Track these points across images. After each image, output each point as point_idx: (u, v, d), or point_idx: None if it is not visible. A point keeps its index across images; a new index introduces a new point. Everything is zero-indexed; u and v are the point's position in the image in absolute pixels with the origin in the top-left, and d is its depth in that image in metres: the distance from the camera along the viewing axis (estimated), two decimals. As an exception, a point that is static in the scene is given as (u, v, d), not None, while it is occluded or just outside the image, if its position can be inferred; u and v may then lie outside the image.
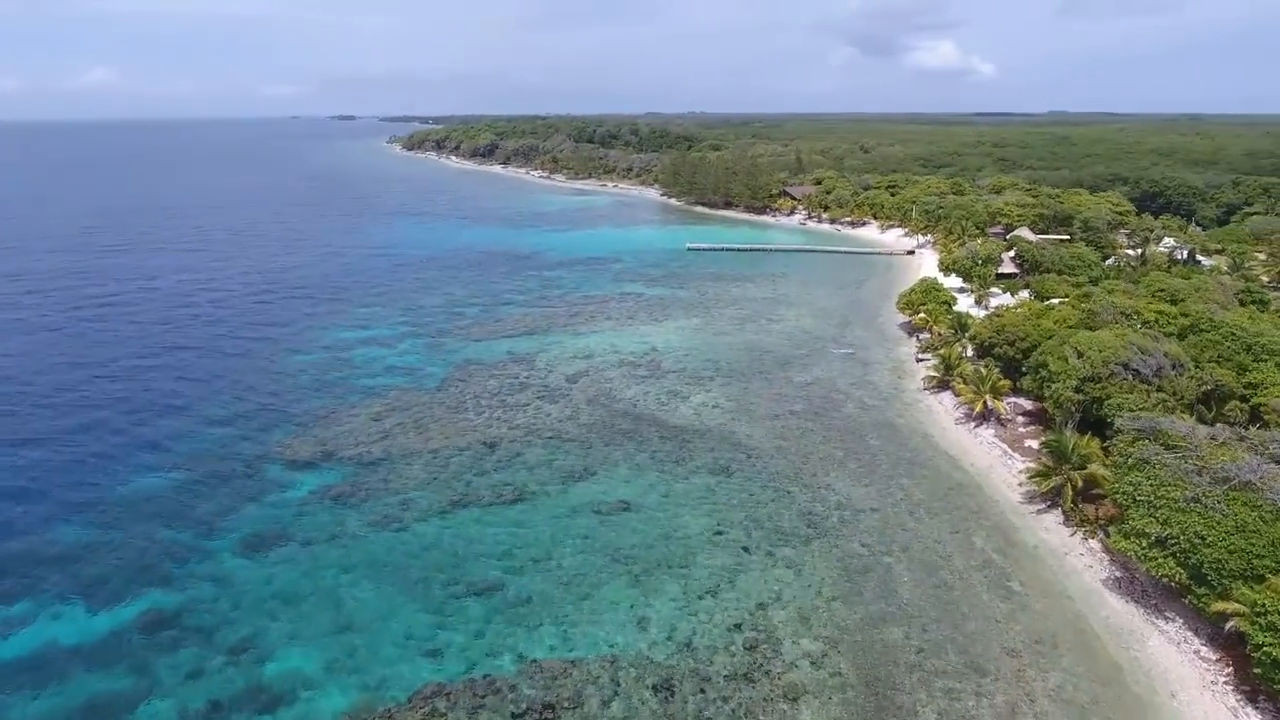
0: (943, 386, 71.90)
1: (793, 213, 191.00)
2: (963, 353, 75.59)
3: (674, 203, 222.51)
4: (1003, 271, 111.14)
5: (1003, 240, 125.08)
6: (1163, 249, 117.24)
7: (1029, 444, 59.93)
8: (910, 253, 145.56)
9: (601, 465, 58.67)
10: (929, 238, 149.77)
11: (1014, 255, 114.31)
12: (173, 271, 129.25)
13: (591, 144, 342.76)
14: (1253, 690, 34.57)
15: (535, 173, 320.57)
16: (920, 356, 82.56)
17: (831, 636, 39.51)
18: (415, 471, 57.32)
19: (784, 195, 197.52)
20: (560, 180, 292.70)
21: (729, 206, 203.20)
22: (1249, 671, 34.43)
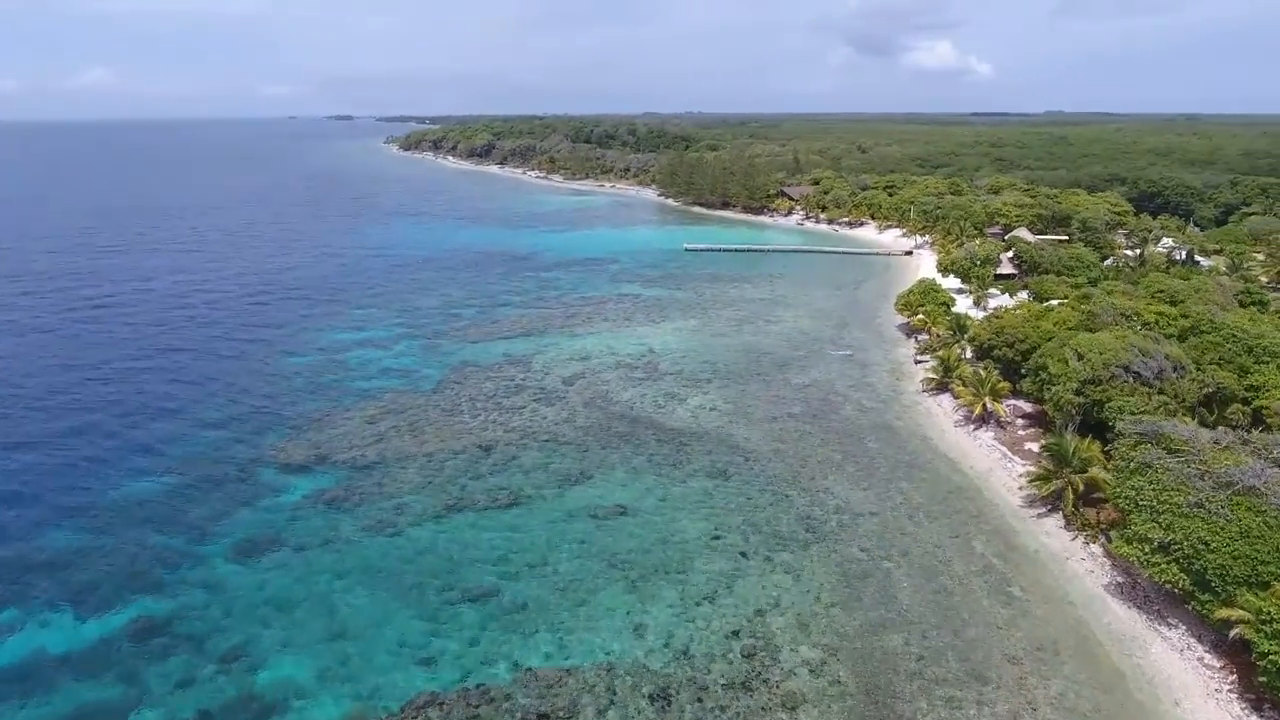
0: (941, 388, 71.42)
1: (790, 213, 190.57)
2: (962, 354, 75.13)
3: (671, 203, 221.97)
4: (1001, 272, 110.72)
5: (1001, 241, 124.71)
6: (1161, 249, 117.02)
7: (1029, 447, 59.45)
8: (908, 253, 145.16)
9: (598, 469, 58.15)
10: (927, 238, 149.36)
11: (1012, 256, 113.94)
12: (168, 272, 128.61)
13: (589, 144, 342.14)
14: (1258, 699, 34.09)
15: (532, 173, 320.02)
16: (919, 358, 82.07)
17: (830, 644, 38.99)
18: (410, 475, 56.77)
19: (781, 195, 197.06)
20: (557, 180, 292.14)
21: (726, 207, 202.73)
22: (1254, 680, 34.02)
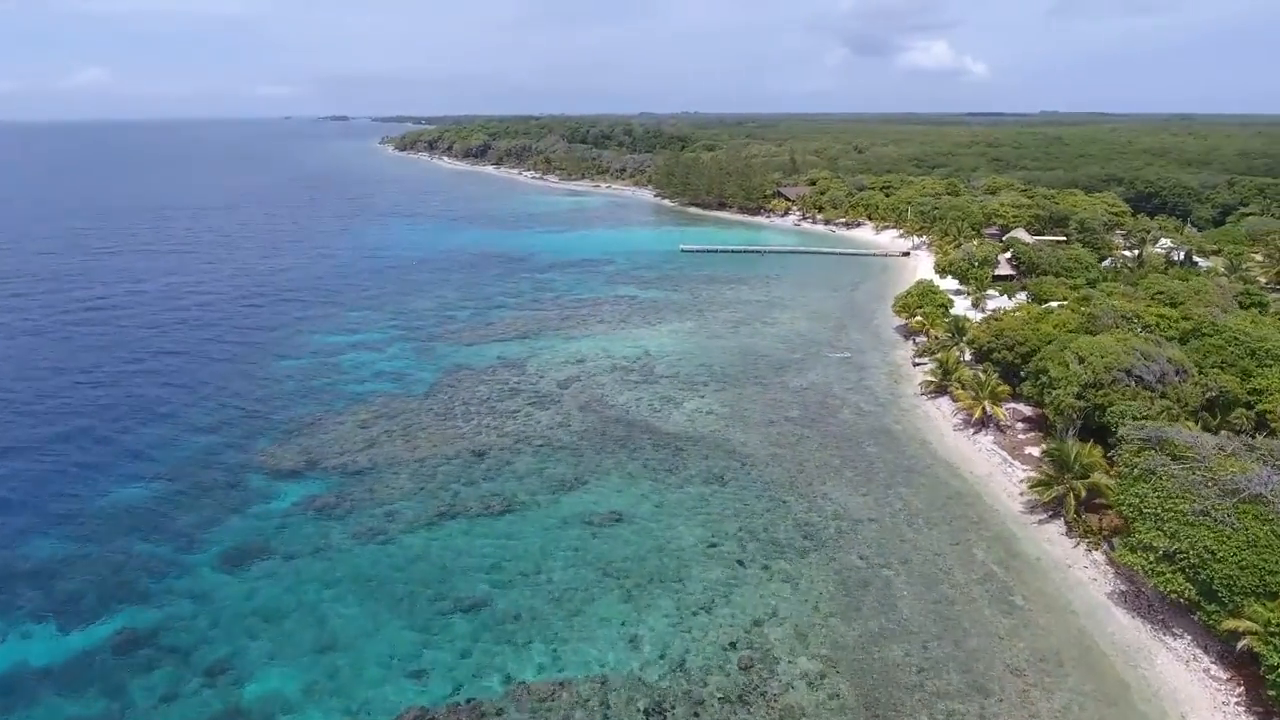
0: (940, 391, 70.71)
1: (787, 214, 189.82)
2: (960, 357, 74.39)
3: (667, 204, 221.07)
4: (999, 273, 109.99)
5: (998, 242, 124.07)
6: (1159, 250, 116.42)
7: (1029, 451, 58.75)
8: (905, 254, 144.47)
9: (593, 474, 57.32)
10: (924, 239, 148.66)
11: (1010, 257, 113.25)
12: (161, 274, 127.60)
13: (585, 144, 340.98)
14: (1266, 712, 33.38)
15: (528, 173, 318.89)
16: (917, 360, 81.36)
17: (829, 655, 38.23)
18: (402, 481, 55.90)
19: (778, 196, 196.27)
20: (553, 181, 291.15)
21: (723, 207, 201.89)
22: (1262, 692, 33.31)
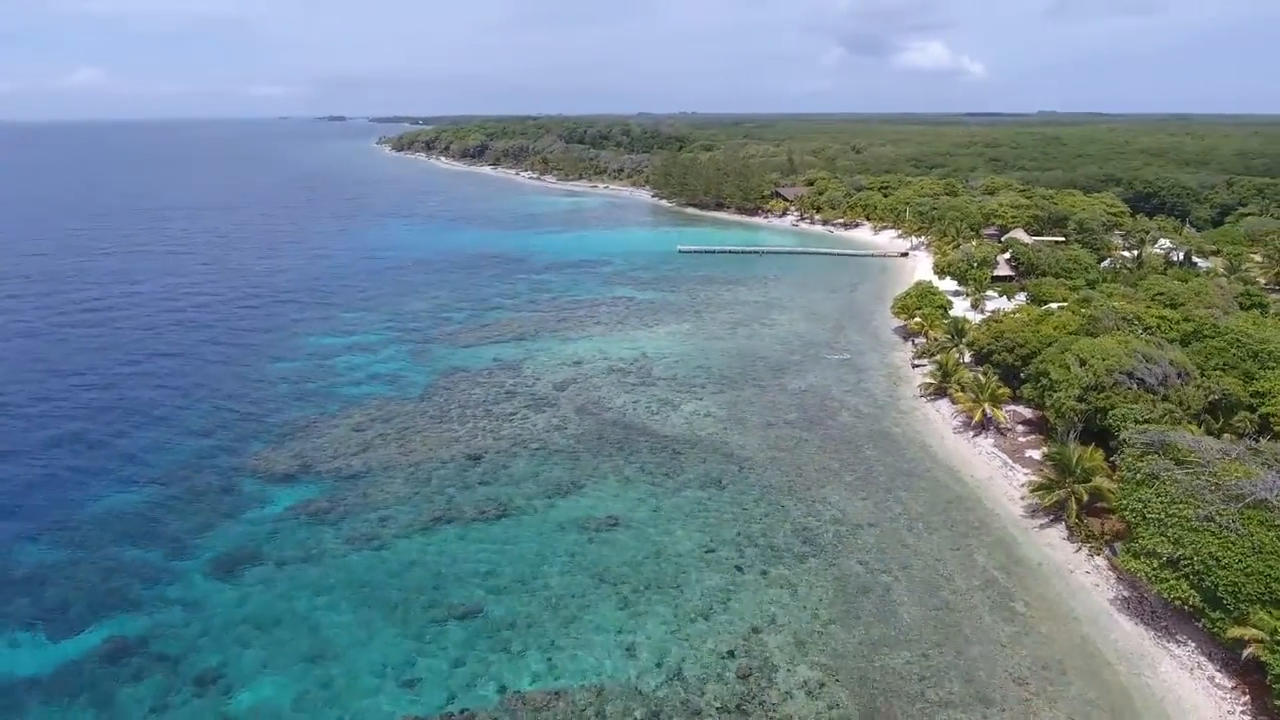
0: (940, 394, 70.21)
1: (784, 214, 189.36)
2: (960, 359, 73.90)
3: (665, 204, 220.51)
4: (998, 274, 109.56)
5: (997, 242, 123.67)
6: (1158, 250, 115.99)
7: (1030, 454, 58.27)
8: (904, 254, 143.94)
9: (590, 478, 56.76)
10: (923, 239, 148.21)
11: (1009, 258, 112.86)
12: (157, 275, 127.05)
13: (582, 145, 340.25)
14: (1272, 721, 32.91)
15: (525, 174, 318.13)
16: (916, 362, 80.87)
17: (829, 664, 37.67)
18: (396, 486, 55.32)
19: (776, 196, 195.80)
20: (551, 181, 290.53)
21: (720, 208, 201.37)
22: (1267, 701, 32.81)
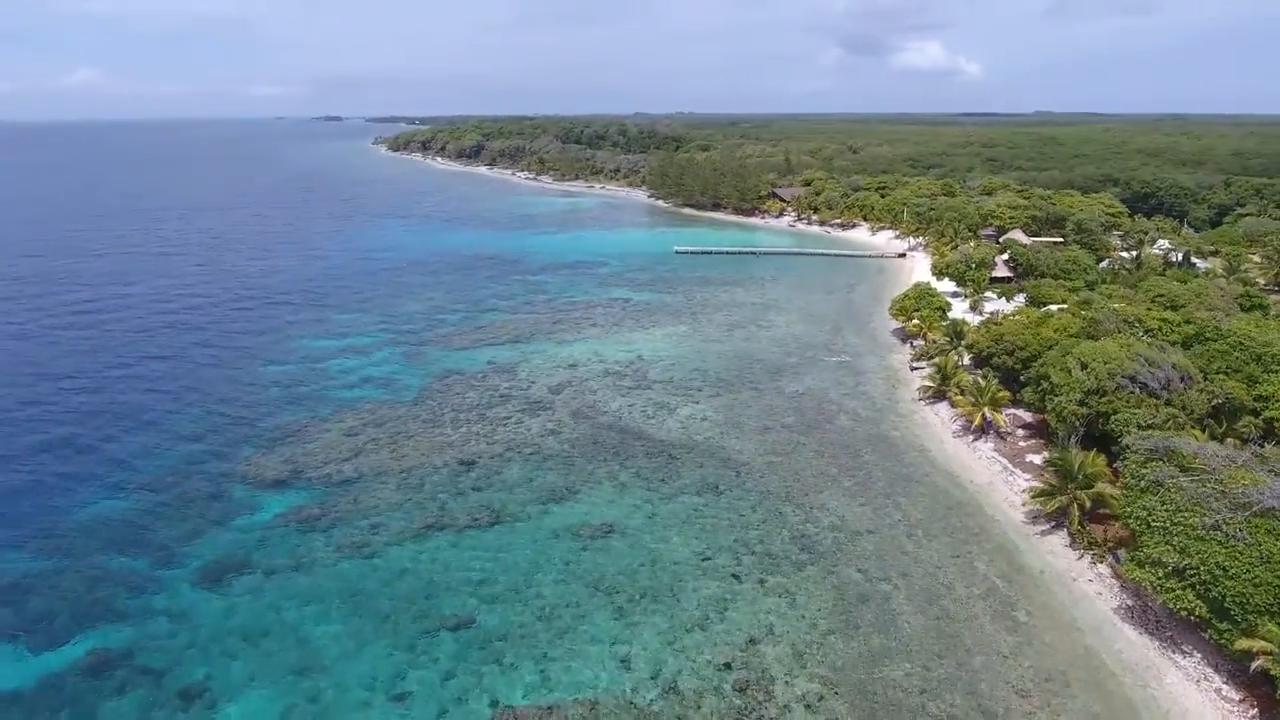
0: (939, 397, 69.48)
1: (781, 214, 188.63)
2: (959, 361, 73.19)
3: (661, 204, 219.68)
4: (997, 275, 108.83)
5: (995, 243, 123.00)
6: (1157, 251, 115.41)
7: (1030, 459, 57.53)
8: (902, 255, 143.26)
9: (584, 484, 55.93)
10: (920, 240, 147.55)
11: (1008, 259, 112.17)
12: (150, 276, 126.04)
13: (579, 145, 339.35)
14: (1281, 735, 32.20)
15: (521, 174, 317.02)
16: (914, 364, 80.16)
17: (828, 676, 36.87)
18: (388, 492, 54.45)
19: (773, 197, 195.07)
20: (547, 181, 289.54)
21: (717, 208, 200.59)
22: (1277, 715, 32.12)
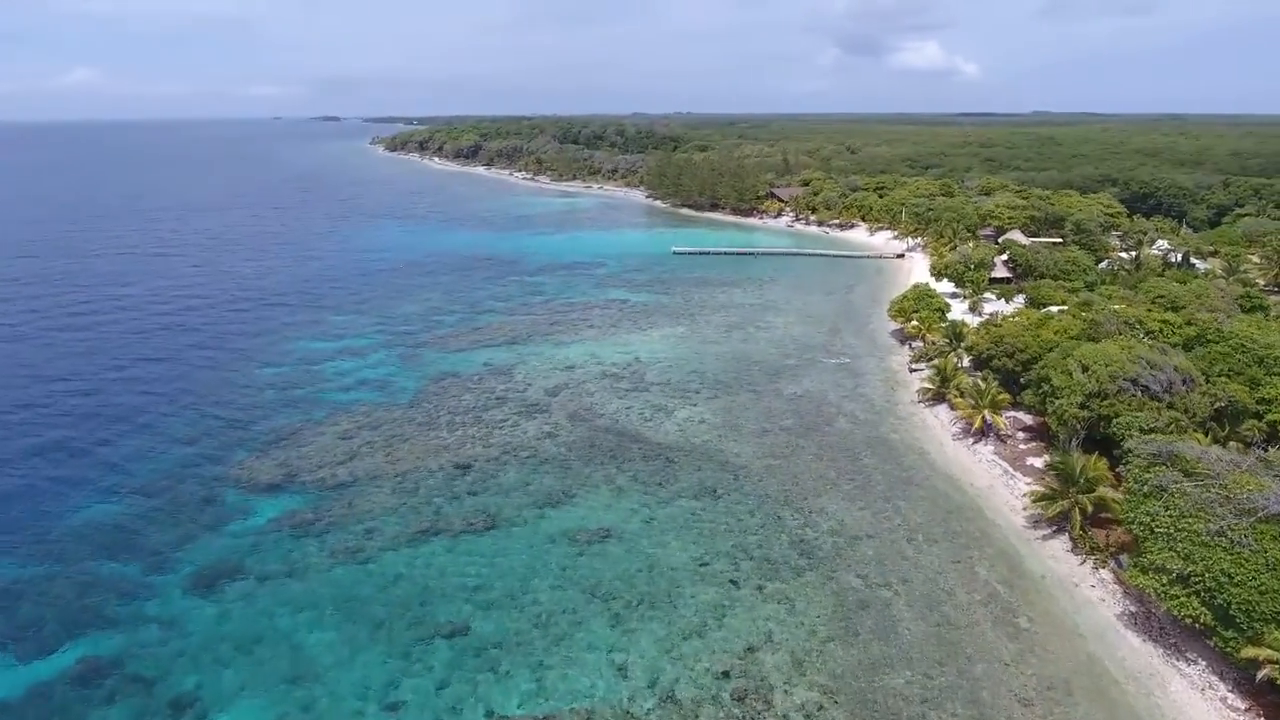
0: (938, 399, 68.97)
1: (780, 215, 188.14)
2: (958, 363, 72.69)
3: (659, 205, 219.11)
4: (996, 276, 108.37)
5: (994, 244, 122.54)
6: (1156, 252, 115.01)
7: (1031, 462, 57.05)
8: (900, 256, 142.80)
9: (581, 488, 55.39)
10: (919, 240, 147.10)
11: (1006, 259, 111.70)
12: (146, 277, 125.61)
13: (576, 145, 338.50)
14: (1287, 745, 31.73)
15: (519, 174, 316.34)
16: (914, 366, 79.69)
17: (827, 685, 36.35)
18: (382, 496, 53.90)
19: (771, 197, 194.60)
20: (544, 182, 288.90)
21: (715, 208, 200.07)
22: (1283, 725, 31.65)
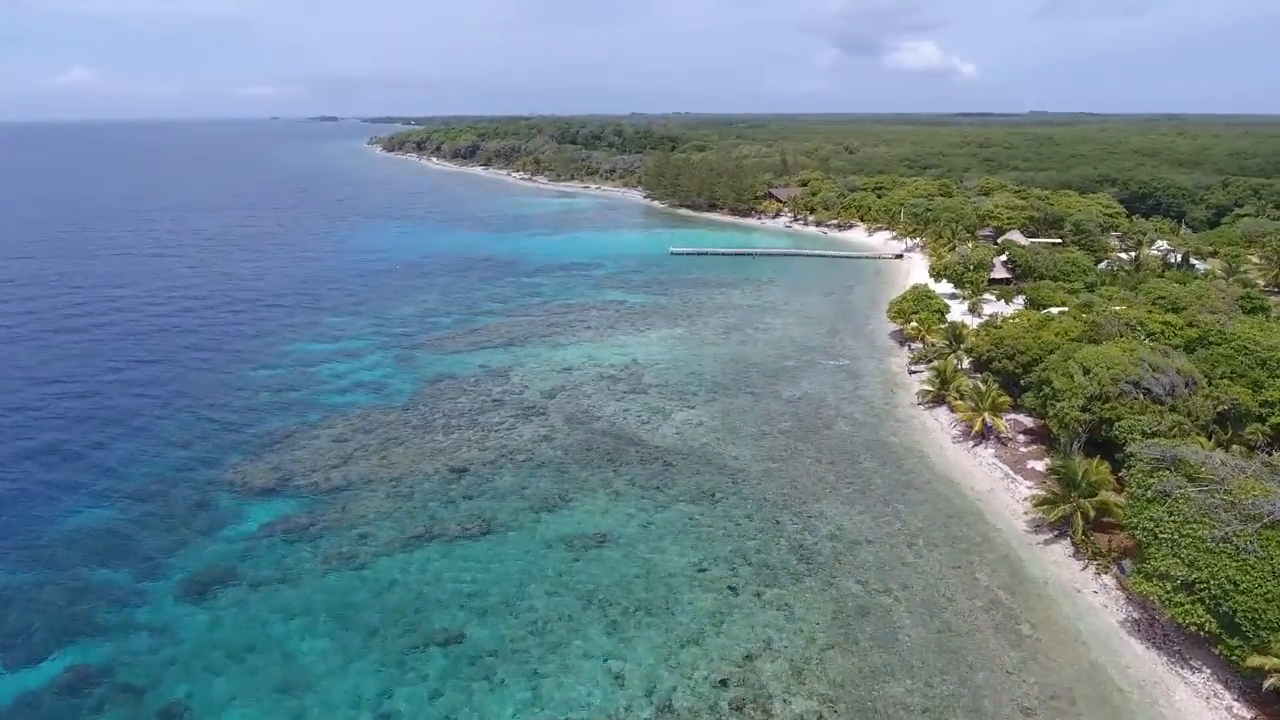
0: (938, 401, 68.47)
1: (778, 215, 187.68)
2: (958, 365, 72.20)
3: (657, 205, 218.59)
4: (995, 276, 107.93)
5: (993, 244, 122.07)
6: (1155, 252, 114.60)
7: (1032, 465, 56.55)
8: (899, 256, 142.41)
9: (578, 492, 54.83)
10: (918, 241, 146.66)
11: (1006, 260, 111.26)
12: (142, 278, 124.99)
13: (574, 145, 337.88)
14: (1295, 756, 31.22)
15: (517, 174, 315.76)
16: (913, 368, 79.21)
17: (827, 694, 35.81)
18: (377, 501, 53.31)
19: (769, 197, 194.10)
20: (542, 182, 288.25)
21: (713, 209, 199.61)
22: (1290, 735, 31.14)
